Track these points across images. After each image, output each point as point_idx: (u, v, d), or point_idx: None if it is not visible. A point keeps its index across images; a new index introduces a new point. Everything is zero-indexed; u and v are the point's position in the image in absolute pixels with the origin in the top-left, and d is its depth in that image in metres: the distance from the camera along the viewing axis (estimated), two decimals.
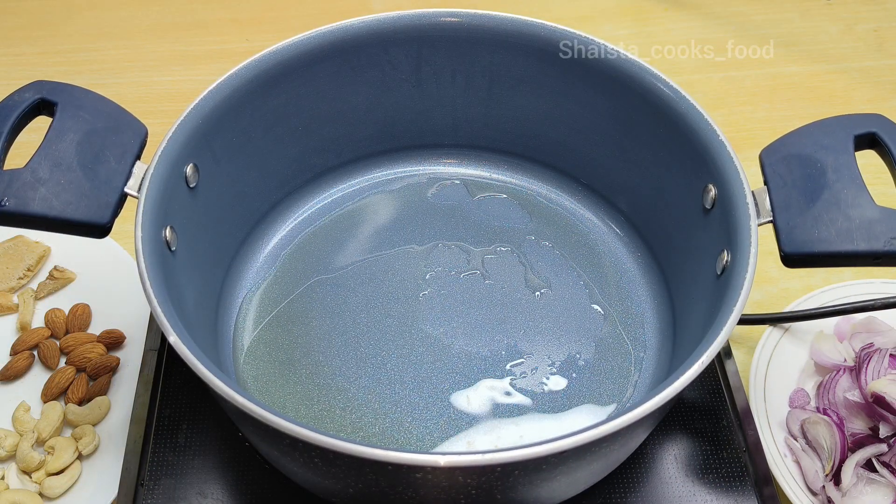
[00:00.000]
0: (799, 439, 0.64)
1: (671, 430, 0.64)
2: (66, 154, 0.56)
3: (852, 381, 0.66)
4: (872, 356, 0.65)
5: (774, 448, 0.65)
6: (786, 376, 0.69)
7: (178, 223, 0.60)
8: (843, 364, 0.67)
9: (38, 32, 1.04)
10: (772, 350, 0.70)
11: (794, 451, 0.64)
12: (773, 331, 0.71)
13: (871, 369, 0.65)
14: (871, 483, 0.61)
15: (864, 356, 0.66)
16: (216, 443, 0.63)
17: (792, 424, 0.65)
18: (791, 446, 0.65)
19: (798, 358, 0.70)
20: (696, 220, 0.62)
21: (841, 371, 0.67)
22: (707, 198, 0.60)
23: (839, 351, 0.69)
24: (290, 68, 0.67)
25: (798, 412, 0.66)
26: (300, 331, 0.68)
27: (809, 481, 0.62)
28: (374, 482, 0.50)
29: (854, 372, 0.66)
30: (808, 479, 0.62)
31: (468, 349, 0.66)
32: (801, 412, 0.66)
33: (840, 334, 0.71)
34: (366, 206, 0.77)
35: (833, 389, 0.66)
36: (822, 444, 0.63)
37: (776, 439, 0.65)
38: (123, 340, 0.71)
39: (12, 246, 0.76)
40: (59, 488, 0.62)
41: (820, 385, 0.68)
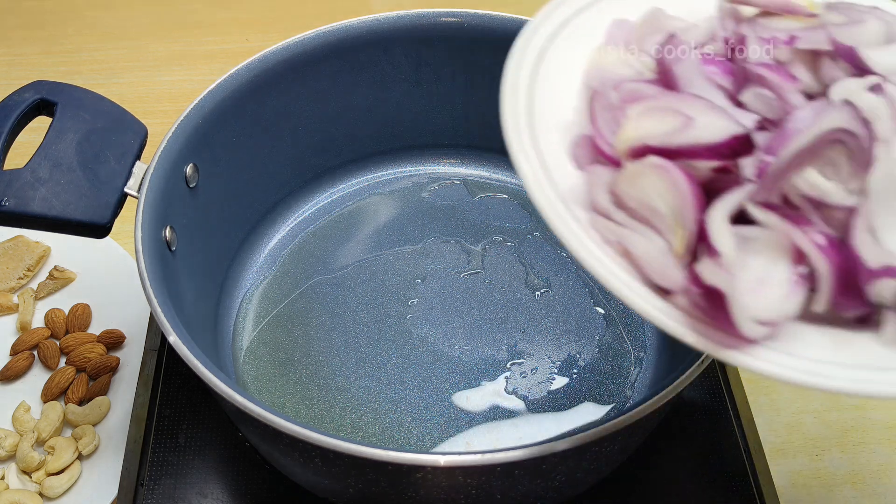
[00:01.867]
0: (615, 214, 0.41)
1: (671, 429, 0.63)
2: (66, 154, 0.56)
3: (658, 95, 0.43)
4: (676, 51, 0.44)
5: (588, 242, 0.40)
6: (559, 123, 0.45)
7: (178, 223, 0.59)
8: (641, 77, 0.46)
9: (38, 32, 1.04)
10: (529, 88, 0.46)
11: (617, 234, 0.41)
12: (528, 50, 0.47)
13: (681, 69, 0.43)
14: (748, 246, 0.39)
15: (670, 51, 0.44)
16: (216, 443, 0.63)
17: (596, 193, 0.42)
18: (609, 228, 0.41)
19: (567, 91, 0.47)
20: None
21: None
22: None
23: (630, 64, 0.47)
24: (291, 68, 0.67)
25: (601, 170, 0.42)
26: (300, 331, 0.68)
27: (656, 272, 0.39)
28: (374, 482, 0.50)
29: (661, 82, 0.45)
30: (654, 270, 0.39)
31: (468, 349, 0.66)
32: (602, 169, 0.42)
33: (618, 39, 0.49)
34: (366, 206, 0.77)
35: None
36: (659, 207, 0.40)
37: (583, 225, 0.41)
38: (123, 340, 0.71)
39: (12, 246, 0.76)
40: (59, 488, 0.62)
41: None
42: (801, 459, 0.66)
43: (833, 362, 0.38)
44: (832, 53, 0.43)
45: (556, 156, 0.43)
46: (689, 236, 0.38)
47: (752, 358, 0.37)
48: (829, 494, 0.64)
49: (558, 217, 0.40)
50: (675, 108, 0.41)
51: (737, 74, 0.43)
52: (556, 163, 0.43)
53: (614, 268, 0.39)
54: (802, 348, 0.38)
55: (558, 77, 0.47)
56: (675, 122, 0.40)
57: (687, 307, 0.38)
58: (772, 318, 0.37)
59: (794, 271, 0.38)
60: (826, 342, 0.39)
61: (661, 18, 0.48)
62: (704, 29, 0.47)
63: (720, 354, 0.37)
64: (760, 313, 0.37)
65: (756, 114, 0.42)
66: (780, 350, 0.38)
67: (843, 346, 0.39)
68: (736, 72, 0.43)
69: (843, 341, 0.39)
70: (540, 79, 0.46)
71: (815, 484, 0.65)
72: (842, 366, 0.38)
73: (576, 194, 0.42)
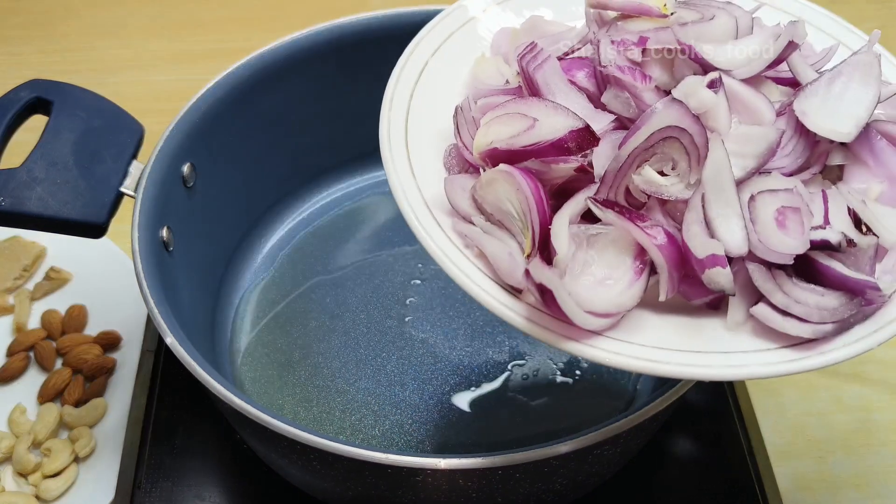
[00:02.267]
0: (475, 218, 0.44)
1: (674, 431, 0.63)
2: (62, 153, 0.55)
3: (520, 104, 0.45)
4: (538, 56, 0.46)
5: (446, 245, 0.43)
6: (437, 134, 0.48)
7: (176, 223, 0.59)
8: (506, 87, 0.48)
9: (35, 31, 1.04)
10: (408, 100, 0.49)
11: (473, 238, 0.43)
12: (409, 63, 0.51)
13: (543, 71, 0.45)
14: (594, 242, 0.41)
15: (531, 60, 0.45)
16: (214, 445, 0.63)
17: (458, 198, 0.44)
18: (465, 232, 0.44)
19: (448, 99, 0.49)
20: None
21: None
22: None
23: (502, 74, 0.49)
24: (288, 67, 0.67)
25: (461, 178, 0.45)
26: (298, 332, 0.67)
27: (504, 273, 0.42)
28: (374, 485, 0.49)
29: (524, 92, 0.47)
30: (503, 271, 0.42)
31: (469, 350, 0.65)
32: (464, 177, 0.45)
33: (500, 51, 0.52)
34: (365, 206, 0.76)
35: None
36: (510, 210, 0.42)
37: (445, 230, 0.44)
38: (120, 342, 0.70)
39: (8, 246, 0.76)
40: (56, 491, 0.62)
41: None
42: (806, 462, 0.65)
43: (673, 349, 0.40)
44: (684, 51, 0.45)
45: (430, 164, 0.46)
46: (535, 238, 0.41)
47: (590, 347, 0.39)
48: (833, 497, 0.64)
49: (417, 222, 0.43)
50: (522, 112, 0.44)
51: (599, 77, 0.45)
52: (429, 171, 0.46)
53: (469, 269, 0.42)
54: (645, 336, 0.40)
55: (441, 87, 0.50)
56: (521, 124, 0.43)
57: (534, 304, 0.40)
58: (609, 310, 0.40)
59: (634, 265, 0.41)
60: (672, 330, 0.41)
61: (540, 25, 0.51)
62: (578, 33, 0.49)
63: (561, 345, 0.39)
64: (597, 306, 0.40)
65: (615, 114, 0.44)
66: (621, 339, 0.40)
67: (690, 332, 0.41)
68: (598, 75, 0.45)
69: (694, 327, 0.41)
70: (422, 89, 0.50)
71: (820, 486, 0.64)
72: (679, 351, 0.40)
73: (443, 201, 0.45)
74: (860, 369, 0.71)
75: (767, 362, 0.39)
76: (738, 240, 0.40)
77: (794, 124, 0.43)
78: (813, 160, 0.43)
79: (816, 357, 0.40)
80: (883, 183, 0.43)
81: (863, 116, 0.42)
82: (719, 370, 0.39)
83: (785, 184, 0.41)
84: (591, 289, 0.40)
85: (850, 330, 0.40)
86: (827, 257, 0.40)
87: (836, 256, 0.40)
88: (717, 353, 0.40)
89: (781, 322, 0.40)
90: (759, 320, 0.40)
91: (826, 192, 0.42)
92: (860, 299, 0.40)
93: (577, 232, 0.41)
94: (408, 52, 0.51)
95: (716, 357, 0.40)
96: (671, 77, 0.45)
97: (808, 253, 0.40)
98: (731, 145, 0.41)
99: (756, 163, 0.41)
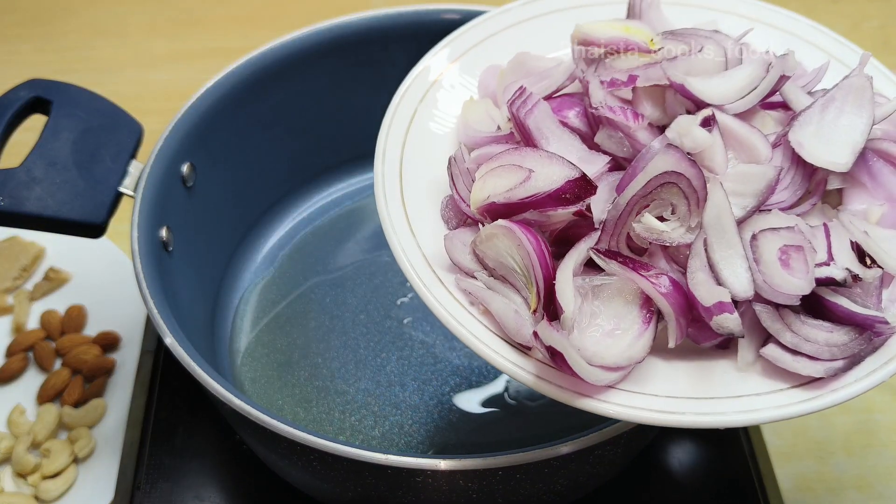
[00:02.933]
0: (478, 273, 0.43)
1: (675, 432, 0.63)
2: (61, 153, 0.55)
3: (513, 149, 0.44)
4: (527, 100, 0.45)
5: (450, 304, 0.42)
6: (432, 185, 0.47)
7: (175, 223, 0.59)
8: (498, 133, 0.47)
9: (34, 30, 1.04)
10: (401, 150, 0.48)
11: (477, 295, 0.43)
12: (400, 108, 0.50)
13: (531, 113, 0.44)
14: (600, 293, 0.41)
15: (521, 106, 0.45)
16: (213, 446, 0.63)
17: (459, 254, 0.44)
18: (469, 290, 0.43)
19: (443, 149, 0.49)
20: None
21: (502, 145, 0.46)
22: None
23: (493, 118, 0.48)
24: (289, 66, 0.67)
25: (460, 233, 0.44)
26: (298, 332, 0.67)
27: (512, 331, 0.41)
28: (374, 486, 0.49)
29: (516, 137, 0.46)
30: (510, 329, 0.41)
31: (469, 350, 0.65)
32: (463, 231, 0.44)
33: (488, 91, 0.51)
34: (365, 206, 0.76)
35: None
36: (512, 266, 0.42)
37: (449, 288, 0.43)
38: (119, 342, 0.70)
39: (7, 247, 0.76)
40: (55, 491, 0.61)
41: None
42: (807, 462, 0.65)
43: (685, 397, 0.40)
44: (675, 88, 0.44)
45: (428, 219, 0.46)
46: (540, 294, 0.40)
47: (603, 403, 0.39)
48: (834, 498, 0.64)
49: (420, 282, 0.43)
50: (517, 163, 0.43)
51: (590, 117, 0.45)
52: (428, 226, 0.45)
53: (476, 328, 0.41)
54: (656, 386, 0.40)
55: (432, 134, 0.49)
56: (517, 177, 0.42)
57: (543, 360, 0.40)
58: (620, 363, 0.39)
59: (641, 314, 0.40)
60: (683, 376, 0.40)
61: (526, 62, 0.50)
62: (565, 69, 0.48)
63: (574, 403, 0.39)
64: (607, 360, 0.39)
65: (609, 154, 0.44)
66: (633, 391, 0.40)
67: (701, 376, 0.41)
68: (589, 115, 0.45)
69: (704, 371, 0.41)
70: (413, 138, 0.49)
71: (821, 487, 0.64)
72: (692, 399, 0.40)
73: (443, 258, 0.44)
74: None
75: (780, 404, 0.39)
76: (744, 283, 0.39)
77: (790, 155, 0.42)
78: (812, 188, 0.43)
79: (829, 395, 0.39)
80: (883, 205, 0.43)
81: (859, 142, 0.42)
82: (734, 417, 0.39)
83: (786, 222, 0.41)
84: (600, 342, 0.39)
85: (861, 364, 0.40)
86: (833, 293, 0.40)
87: (841, 291, 0.40)
88: (730, 398, 0.40)
89: (792, 362, 0.40)
90: (770, 361, 0.40)
91: (828, 226, 0.41)
92: (869, 333, 0.39)
93: (581, 284, 0.41)
94: (394, 103, 0.51)
95: (729, 403, 0.39)
96: (663, 112, 0.44)
97: (815, 290, 0.39)
98: (729, 185, 0.41)
99: (756, 201, 0.41)
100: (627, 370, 0.40)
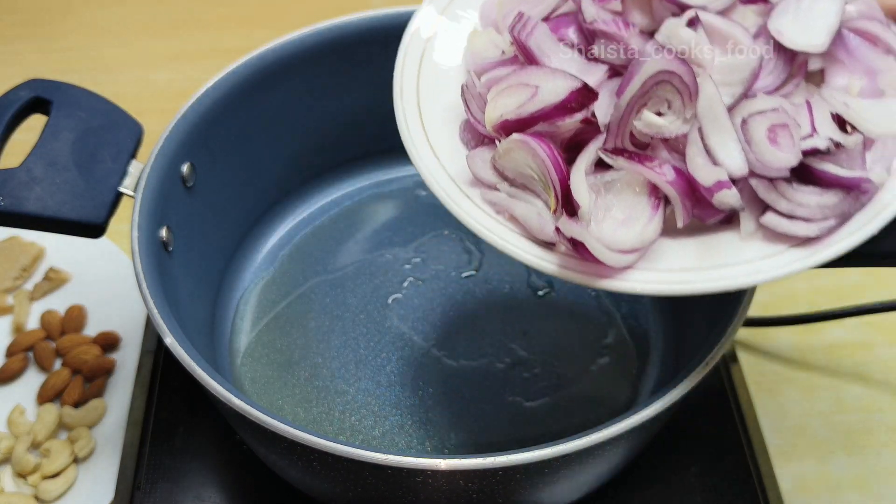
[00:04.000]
0: (500, 185, 0.48)
1: (675, 433, 0.63)
2: (61, 153, 0.55)
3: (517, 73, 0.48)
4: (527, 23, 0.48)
5: (479, 215, 0.47)
6: (449, 110, 0.51)
7: (175, 223, 0.59)
8: (503, 58, 0.51)
9: (34, 30, 1.04)
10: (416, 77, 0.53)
11: (501, 205, 0.47)
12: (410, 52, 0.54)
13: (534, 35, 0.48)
14: (611, 188, 0.46)
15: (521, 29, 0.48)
16: (213, 446, 0.63)
17: (481, 170, 0.48)
18: (494, 201, 0.48)
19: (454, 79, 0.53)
20: None
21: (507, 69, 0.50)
22: None
23: (496, 45, 0.52)
24: (289, 66, 0.67)
25: (480, 151, 0.49)
26: (299, 332, 0.67)
27: (536, 231, 0.46)
28: (374, 486, 0.49)
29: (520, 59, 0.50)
30: (534, 229, 0.46)
31: (470, 351, 0.65)
32: (482, 150, 0.49)
33: (489, 20, 0.54)
34: (365, 206, 0.76)
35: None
36: (530, 174, 0.46)
37: (475, 202, 0.48)
38: (119, 342, 0.70)
39: (7, 247, 0.76)
40: (55, 492, 0.61)
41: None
42: (807, 463, 0.65)
43: (696, 268, 0.44)
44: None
45: (448, 142, 0.50)
46: (558, 195, 0.45)
47: (622, 281, 0.44)
48: (835, 498, 0.64)
49: (449, 199, 0.47)
50: (524, 81, 0.47)
51: (586, 32, 0.49)
52: (449, 148, 0.50)
53: (504, 232, 0.46)
54: (670, 262, 0.45)
55: (443, 66, 0.53)
56: (525, 94, 0.47)
57: (567, 253, 0.45)
58: (636, 246, 0.44)
59: (650, 202, 0.45)
60: (692, 251, 0.45)
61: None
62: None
63: (596, 284, 0.44)
64: (624, 244, 0.44)
65: (607, 63, 0.48)
66: (648, 269, 0.45)
67: (709, 249, 0.45)
68: (584, 30, 0.49)
69: (711, 245, 0.45)
70: (426, 72, 0.53)
71: (821, 487, 0.64)
72: (703, 269, 0.44)
73: (467, 174, 0.49)
74: (862, 370, 0.71)
75: (782, 263, 0.43)
76: (739, 162, 0.44)
77: (771, 43, 0.46)
78: (794, 72, 0.47)
79: (825, 250, 0.43)
80: (862, 78, 0.46)
81: (833, 23, 0.46)
82: (741, 279, 0.43)
83: (771, 104, 0.45)
84: (616, 230, 0.44)
85: (851, 220, 0.44)
86: (820, 161, 0.44)
87: (827, 158, 0.44)
88: (736, 264, 0.44)
89: (789, 226, 0.44)
90: (770, 228, 0.44)
91: (810, 102, 0.45)
92: (856, 192, 0.44)
93: (594, 182, 0.45)
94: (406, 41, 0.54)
95: (735, 268, 0.44)
96: (651, 19, 0.48)
97: (803, 161, 0.43)
98: (717, 76, 0.45)
99: (743, 88, 0.45)
100: (642, 252, 0.44)
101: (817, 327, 0.72)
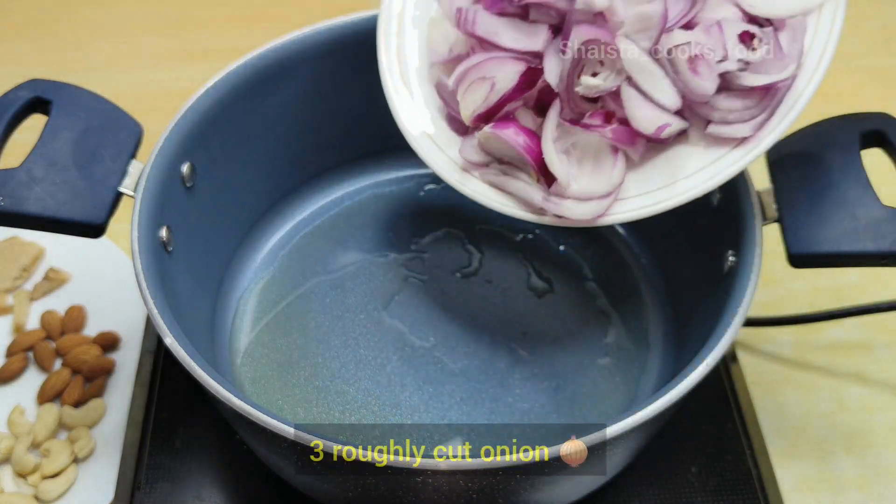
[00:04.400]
0: (492, 166, 0.56)
1: (676, 433, 0.63)
2: (61, 153, 0.55)
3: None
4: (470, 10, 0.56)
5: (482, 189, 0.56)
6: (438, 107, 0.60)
7: (175, 223, 0.59)
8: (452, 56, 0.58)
9: (33, 30, 1.04)
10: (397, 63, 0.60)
11: (495, 181, 0.56)
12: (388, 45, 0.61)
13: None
14: (577, 146, 0.54)
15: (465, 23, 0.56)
16: (213, 446, 0.63)
17: (473, 156, 0.57)
18: (489, 179, 0.57)
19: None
20: (701, 220, 0.61)
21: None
22: (713, 198, 0.59)
23: (448, 38, 0.59)
24: (289, 66, 0.67)
25: (469, 140, 0.57)
26: (298, 332, 0.67)
27: (527, 201, 0.55)
28: (374, 486, 0.49)
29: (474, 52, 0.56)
30: (525, 199, 0.55)
31: (469, 351, 0.65)
32: (471, 137, 0.56)
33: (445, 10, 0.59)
34: (365, 206, 0.76)
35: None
36: (511, 156, 0.55)
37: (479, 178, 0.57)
38: (119, 342, 0.70)
39: (7, 247, 0.76)
40: (55, 492, 0.61)
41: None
42: (807, 463, 0.65)
43: (662, 187, 0.53)
44: None
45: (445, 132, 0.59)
46: (535, 167, 0.54)
47: (605, 217, 0.53)
48: (835, 498, 0.64)
49: (458, 182, 0.57)
50: (482, 75, 0.54)
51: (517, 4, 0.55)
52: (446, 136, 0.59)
53: (504, 200, 0.56)
54: (639, 190, 0.53)
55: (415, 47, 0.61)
56: (485, 87, 0.54)
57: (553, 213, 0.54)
58: (609, 190, 0.53)
59: (612, 151, 0.53)
60: (655, 176, 0.53)
61: None
62: None
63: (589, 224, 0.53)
64: (599, 191, 0.53)
65: (545, 24, 0.54)
66: (623, 199, 0.53)
67: (668, 169, 0.53)
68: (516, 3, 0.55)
69: (668, 165, 0.53)
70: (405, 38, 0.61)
71: (822, 487, 0.64)
72: (669, 186, 0.52)
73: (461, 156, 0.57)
74: (862, 370, 0.71)
75: (733, 161, 0.51)
76: (672, 96, 0.51)
77: None
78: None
79: (763, 141, 0.51)
80: None
81: None
82: (705, 184, 0.51)
83: (685, 38, 0.50)
84: (590, 181, 0.53)
85: (777, 111, 0.50)
86: (739, 74, 0.50)
87: (746, 69, 0.50)
88: (695, 173, 0.52)
89: (729, 130, 0.51)
90: (712, 136, 0.52)
91: (721, 23, 0.51)
92: (775, 89, 0.50)
93: (564, 147, 0.54)
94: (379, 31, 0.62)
95: (696, 177, 0.52)
96: None
97: (724, 78, 0.50)
98: (635, 25, 0.51)
99: (657, 31, 0.51)
100: (616, 192, 0.53)
101: (817, 327, 0.72)
